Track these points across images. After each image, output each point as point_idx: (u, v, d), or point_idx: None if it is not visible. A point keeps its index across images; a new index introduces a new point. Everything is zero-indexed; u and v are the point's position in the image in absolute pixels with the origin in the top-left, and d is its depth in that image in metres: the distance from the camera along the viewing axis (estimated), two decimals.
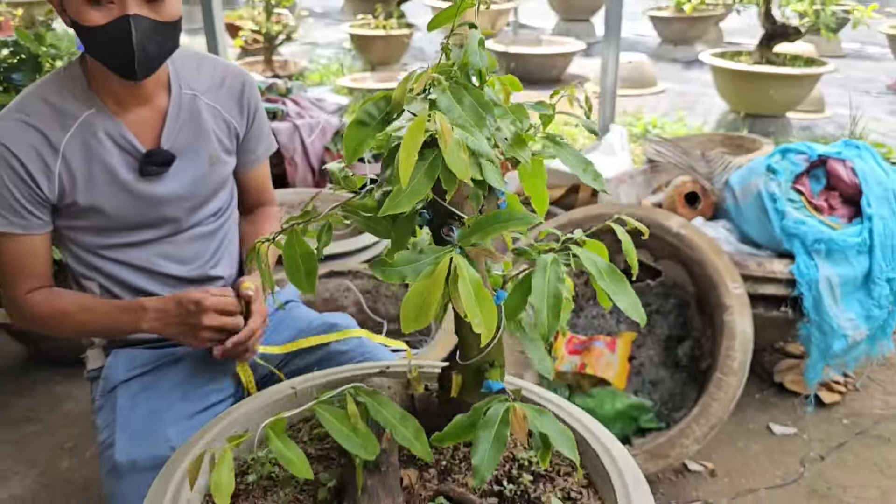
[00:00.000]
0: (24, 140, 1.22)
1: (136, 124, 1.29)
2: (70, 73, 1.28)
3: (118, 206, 1.29)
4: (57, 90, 1.26)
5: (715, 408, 1.86)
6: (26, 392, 2.47)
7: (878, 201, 2.21)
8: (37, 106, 1.24)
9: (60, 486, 2.08)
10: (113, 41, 1.16)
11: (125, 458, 1.21)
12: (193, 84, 1.35)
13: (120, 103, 1.28)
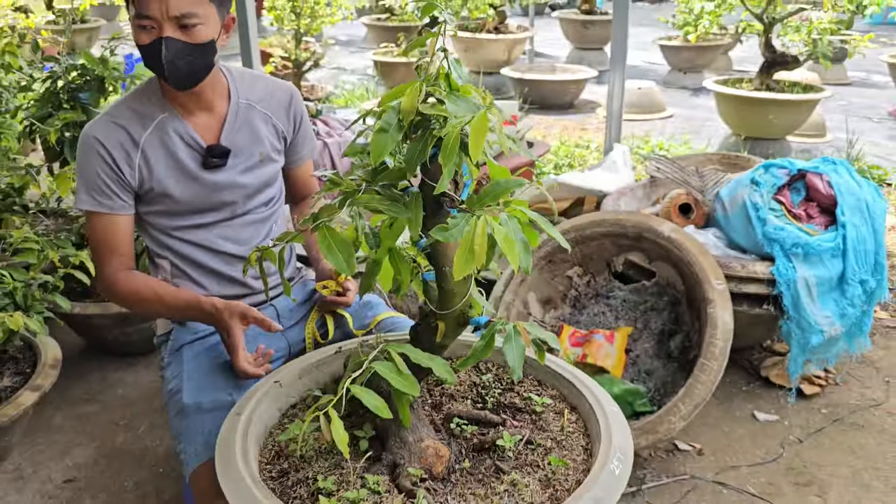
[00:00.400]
0: (112, 136, 1.51)
1: (200, 125, 1.58)
2: (149, 86, 1.58)
3: (185, 192, 1.57)
4: (139, 99, 1.56)
5: (699, 389, 2.10)
6: (84, 378, 2.75)
7: (852, 210, 2.45)
8: (122, 111, 1.54)
9: (116, 456, 2.34)
10: (152, 58, 1.45)
11: (192, 400, 1.47)
12: (249, 95, 1.64)
13: (186, 109, 1.57)
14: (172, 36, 1.43)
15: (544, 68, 7.36)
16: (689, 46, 7.47)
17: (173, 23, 1.42)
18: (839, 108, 6.74)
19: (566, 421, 1.29)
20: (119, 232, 1.55)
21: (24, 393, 2.14)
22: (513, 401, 1.34)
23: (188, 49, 1.45)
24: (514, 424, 1.27)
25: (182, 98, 1.56)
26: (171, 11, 1.40)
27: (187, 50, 1.45)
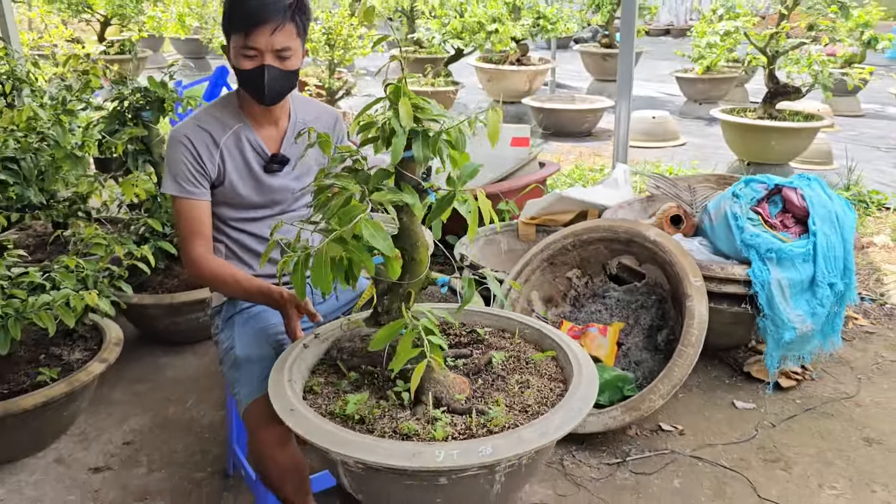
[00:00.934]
0: (198, 136, 1.86)
1: (266, 137, 1.94)
2: (228, 100, 1.94)
3: (248, 190, 1.92)
4: (220, 109, 1.92)
5: (676, 371, 2.38)
6: (138, 362, 3.10)
7: (823, 221, 2.73)
8: (207, 118, 1.90)
9: (167, 425, 2.68)
10: (253, 80, 1.81)
11: (243, 353, 1.81)
12: (304, 116, 1.99)
13: (258, 121, 1.93)
14: (272, 64, 1.79)
15: (564, 98, 7.73)
16: (703, 78, 7.79)
17: (274, 54, 1.78)
18: (849, 137, 6.99)
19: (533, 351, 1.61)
20: (200, 215, 1.89)
21: (94, 363, 2.50)
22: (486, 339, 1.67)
23: (282, 75, 1.81)
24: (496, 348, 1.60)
25: (256, 113, 1.91)
26: (275, 45, 1.77)
27: (281, 75, 1.81)
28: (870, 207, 4.78)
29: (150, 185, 2.99)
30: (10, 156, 2.28)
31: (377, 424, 1.38)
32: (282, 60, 1.80)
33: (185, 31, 7.99)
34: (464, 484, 1.30)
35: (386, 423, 1.39)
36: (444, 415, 1.40)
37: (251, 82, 1.82)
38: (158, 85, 3.11)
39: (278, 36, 1.77)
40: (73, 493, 2.33)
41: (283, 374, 1.55)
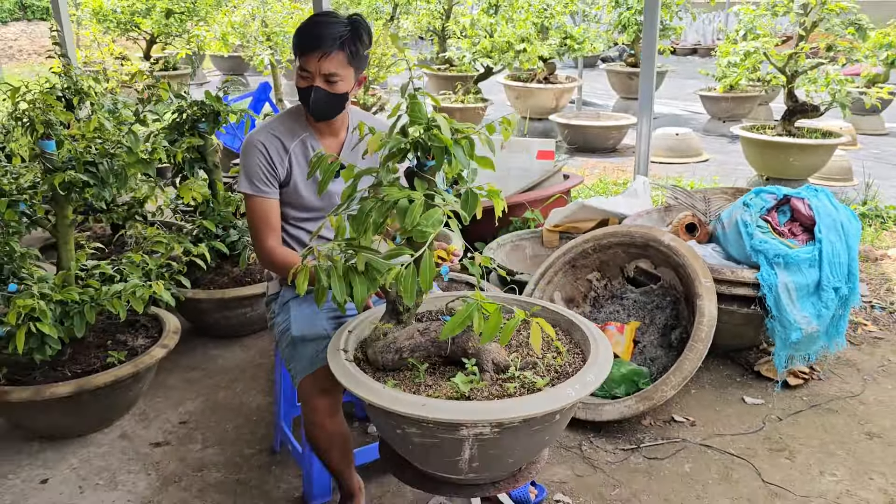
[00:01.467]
0: (271, 142, 2.13)
1: (327, 145, 2.20)
2: (297, 111, 2.20)
3: (309, 193, 2.18)
4: (290, 119, 2.19)
5: (687, 364, 2.58)
6: (191, 352, 3.37)
7: (828, 229, 2.92)
8: (278, 126, 2.17)
9: (219, 408, 2.94)
10: (304, 98, 2.08)
11: (298, 333, 2.05)
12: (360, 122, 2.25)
13: (320, 132, 2.19)
14: (320, 86, 2.06)
15: (589, 115, 7.95)
16: (726, 97, 7.97)
17: (322, 77, 2.05)
18: (871, 155, 7.11)
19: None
20: (271, 211, 2.15)
21: (156, 349, 2.76)
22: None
23: (328, 97, 2.08)
24: None
25: (319, 124, 2.18)
26: (322, 70, 2.04)
27: (327, 97, 2.08)
28: (886, 222, 4.92)
29: (205, 190, 3.27)
30: (91, 160, 2.56)
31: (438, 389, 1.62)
32: (330, 84, 2.06)
33: (227, 48, 8.37)
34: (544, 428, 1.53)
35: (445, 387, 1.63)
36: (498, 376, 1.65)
37: (303, 99, 2.09)
38: (214, 99, 3.40)
39: (325, 62, 2.03)
40: (137, 464, 2.59)
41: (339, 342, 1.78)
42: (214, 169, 3.49)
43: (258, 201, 2.14)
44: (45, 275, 2.70)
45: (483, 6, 7.94)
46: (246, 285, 3.35)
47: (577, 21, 9.53)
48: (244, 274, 3.47)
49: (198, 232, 3.39)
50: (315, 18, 2.07)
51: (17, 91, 2.74)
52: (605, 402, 2.68)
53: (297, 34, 2.05)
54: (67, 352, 2.70)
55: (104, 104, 3.83)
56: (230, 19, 7.90)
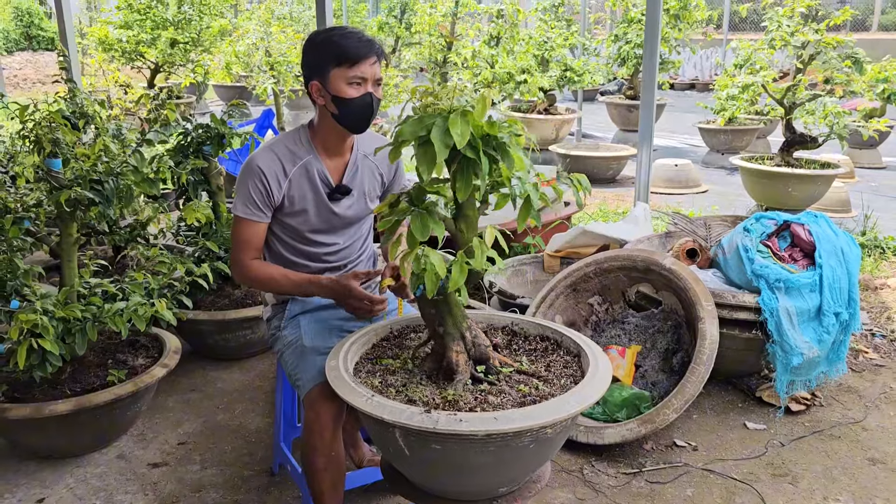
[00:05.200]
0: (270, 166, 2.12)
1: (331, 168, 2.19)
2: (302, 131, 2.20)
3: (315, 213, 2.19)
4: (294, 141, 2.18)
5: (688, 387, 2.58)
6: (190, 374, 3.36)
7: (828, 254, 2.93)
8: (281, 148, 2.17)
9: (217, 429, 2.92)
10: (362, 108, 2.06)
11: (311, 344, 2.06)
12: (365, 149, 2.24)
13: (326, 153, 2.19)
14: (374, 93, 2.07)
15: (589, 146, 8.02)
16: (725, 129, 8.06)
17: (374, 83, 2.07)
18: (869, 188, 7.16)
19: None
20: (258, 234, 2.16)
21: (156, 368, 2.76)
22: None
23: (378, 102, 2.10)
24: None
25: (329, 145, 2.17)
26: (376, 74, 2.06)
27: (378, 103, 2.10)
28: (885, 252, 4.94)
29: (208, 212, 3.29)
30: (97, 178, 2.58)
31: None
32: (377, 87, 2.09)
33: (230, 78, 8.47)
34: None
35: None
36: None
37: (357, 108, 2.06)
38: (219, 122, 3.44)
39: (377, 67, 2.06)
40: (134, 484, 2.56)
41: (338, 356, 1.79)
42: (218, 191, 3.51)
43: (248, 224, 2.14)
44: (47, 292, 2.70)
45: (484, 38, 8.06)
46: (247, 307, 3.35)
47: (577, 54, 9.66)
48: (245, 296, 3.47)
49: (200, 253, 3.40)
50: (349, 30, 2.08)
51: (26, 109, 2.77)
52: (607, 426, 2.67)
53: (343, 44, 2.02)
54: (67, 370, 2.69)
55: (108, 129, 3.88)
56: (234, 48, 8.01)
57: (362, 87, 2.06)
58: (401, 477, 1.81)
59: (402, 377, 1.74)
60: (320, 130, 2.17)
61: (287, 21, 11.75)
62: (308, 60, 2.11)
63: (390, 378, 1.75)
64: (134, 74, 10.83)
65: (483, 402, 1.61)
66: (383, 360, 1.86)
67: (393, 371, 1.79)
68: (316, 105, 2.14)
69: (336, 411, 1.93)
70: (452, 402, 1.61)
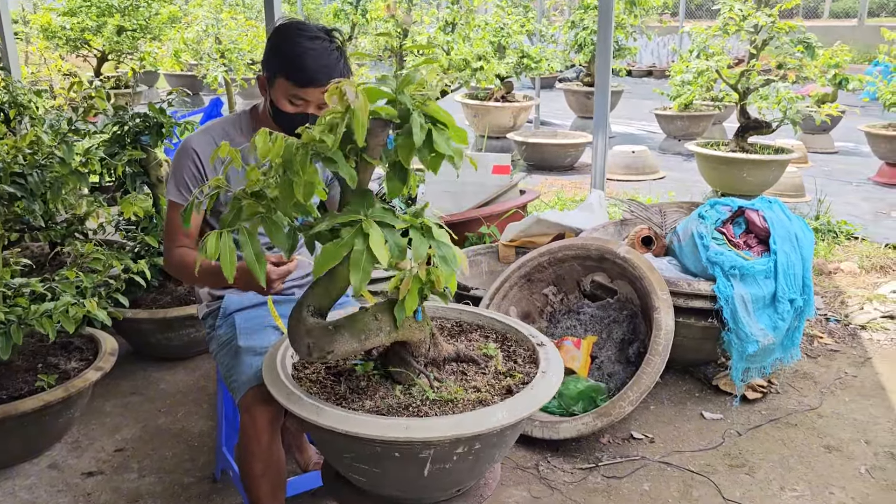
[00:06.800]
0: (207, 149, 1.99)
1: None
2: (242, 117, 2.07)
3: None
4: (232, 125, 2.06)
5: (644, 379, 2.52)
6: (130, 376, 3.21)
7: (783, 240, 2.91)
8: (217, 131, 2.04)
9: (158, 434, 2.78)
10: (295, 124, 1.89)
11: (246, 344, 1.93)
12: None
13: None
14: (314, 113, 1.93)
15: (546, 133, 7.97)
16: (681, 115, 8.07)
17: (318, 107, 1.93)
18: (822, 173, 7.24)
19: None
20: (191, 222, 2.03)
21: (89, 371, 2.60)
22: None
23: (315, 119, 1.95)
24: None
25: None
26: (322, 100, 1.90)
27: (314, 120, 1.96)
28: (838, 237, 4.98)
29: (147, 205, 3.13)
30: (19, 171, 2.42)
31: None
32: (319, 110, 1.95)
33: (180, 66, 8.20)
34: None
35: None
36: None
37: (291, 124, 1.89)
38: (158, 111, 3.27)
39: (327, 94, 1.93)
40: (66, 496, 2.42)
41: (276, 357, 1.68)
42: (158, 184, 3.35)
43: (178, 209, 2.01)
44: None
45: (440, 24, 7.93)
46: (190, 304, 3.20)
47: (535, 41, 9.59)
48: (188, 293, 3.32)
49: (139, 249, 3.24)
50: (313, 45, 1.90)
51: None
52: (562, 420, 2.60)
53: (297, 59, 1.88)
54: None
55: (45, 119, 3.68)
56: (183, 36, 7.75)
57: (301, 107, 1.94)
58: (342, 480, 1.71)
59: (346, 380, 1.63)
60: (263, 119, 2.05)
61: (239, 7, 11.46)
62: (266, 51, 1.98)
63: (331, 377, 1.64)
64: (81, 63, 10.46)
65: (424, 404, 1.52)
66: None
67: (337, 371, 1.68)
68: None
69: (273, 415, 1.82)
70: (397, 404, 1.52)
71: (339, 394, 1.56)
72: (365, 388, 1.57)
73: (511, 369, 1.74)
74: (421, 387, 1.57)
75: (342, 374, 1.67)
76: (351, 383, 1.60)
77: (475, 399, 1.56)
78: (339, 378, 1.63)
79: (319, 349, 1.46)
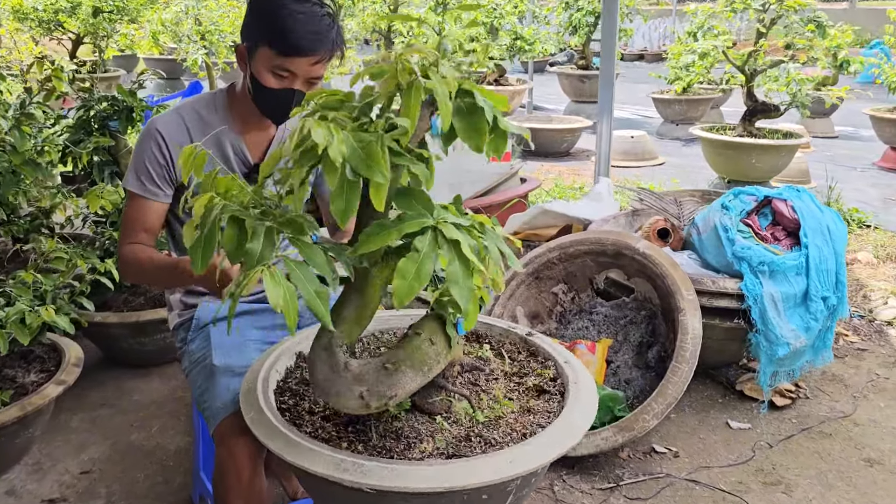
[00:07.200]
0: (174, 132, 1.71)
1: (251, 143, 1.79)
2: (217, 96, 1.79)
3: None
4: (206, 106, 1.77)
5: (670, 389, 2.27)
6: (101, 385, 2.92)
7: (814, 233, 2.66)
8: (190, 112, 1.75)
9: (129, 452, 2.51)
10: (279, 101, 1.66)
11: (222, 363, 1.66)
12: (294, 122, 1.79)
13: (245, 125, 1.78)
14: (301, 89, 1.65)
15: (541, 118, 7.69)
16: (679, 99, 7.82)
17: (306, 81, 1.65)
18: (825, 157, 7.02)
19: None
20: (152, 215, 1.74)
21: (50, 386, 2.31)
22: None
23: (302, 97, 1.68)
24: None
25: (247, 116, 1.76)
26: (311, 74, 1.64)
27: (301, 98, 1.68)
28: (850, 225, 4.76)
29: (116, 197, 2.83)
30: None
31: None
32: (309, 86, 1.68)
33: (158, 49, 7.84)
34: None
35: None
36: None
37: (274, 101, 1.67)
38: (127, 93, 2.97)
39: (319, 67, 1.65)
40: None
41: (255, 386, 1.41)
42: None
43: (138, 201, 1.73)
44: None
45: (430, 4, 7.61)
46: (165, 306, 2.92)
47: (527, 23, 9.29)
48: (163, 294, 3.03)
49: (108, 245, 2.95)
50: (301, 9, 1.61)
51: None
52: None
53: (286, 25, 1.59)
54: None
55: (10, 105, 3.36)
56: (160, 16, 7.39)
57: (286, 81, 1.66)
58: None
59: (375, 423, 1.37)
60: (242, 98, 1.76)
61: None
62: (247, 17, 1.70)
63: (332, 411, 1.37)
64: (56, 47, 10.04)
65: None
66: None
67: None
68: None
69: (255, 449, 1.55)
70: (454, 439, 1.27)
71: (371, 443, 1.27)
72: (401, 429, 1.30)
73: (520, 369, 1.53)
74: (463, 411, 1.33)
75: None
76: (381, 425, 1.31)
77: (518, 409, 1.36)
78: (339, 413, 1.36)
79: (378, 396, 1.18)
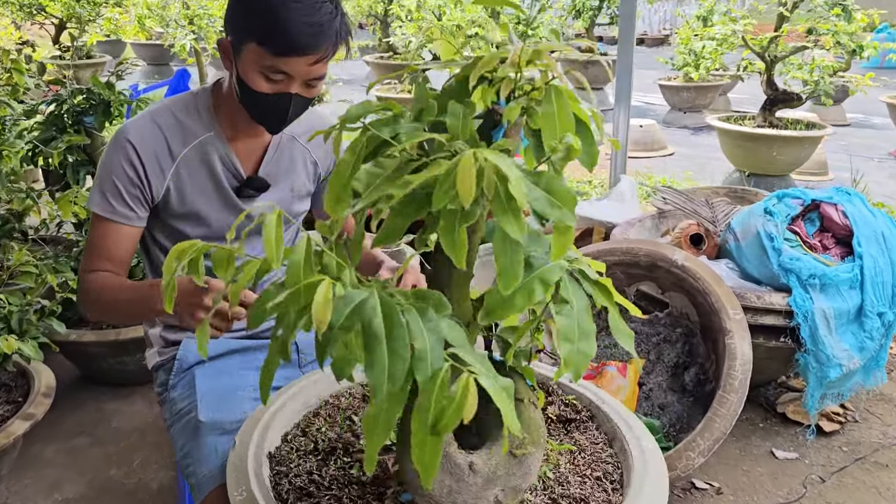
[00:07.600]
0: (149, 142, 1.42)
1: (242, 152, 1.51)
2: (200, 97, 1.49)
3: (218, 214, 1.50)
4: (186, 108, 1.47)
5: (718, 423, 2.02)
6: (78, 409, 2.65)
7: (868, 241, 2.40)
8: (167, 117, 1.45)
9: (108, 490, 2.24)
10: (273, 107, 1.38)
11: (209, 418, 1.39)
12: (293, 128, 1.54)
13: (235, 132, 1.49)
14: (300, 93, 1.38)
15: None
16: (688, 86, 7.54)
17: (304, 83, 1.38)
18: (840, 147, 6.77)
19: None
20: (123, 242, 1.45)
21: (15, 422, 2.05)
22: None
23: (304, 103, 1.42)
24: None
25: (237, 121, 1.48)
26: (311, 74, 1.36)
27: (303, 104, 1.42)
28: None
29: None
30: None
31: None
32: (309, 89, 1.40)
33: (144, 34, 7.51)
34: None
35: None
36: None
37: (267, 108, 1.39)
38: (104, 86, 2.68)
39: (319, 66, 1.36)
40: None
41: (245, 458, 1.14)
42: None
43: (109, 227, 1.43)
44: None
45: None
46: None
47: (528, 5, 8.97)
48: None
49: None
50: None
51: None
52: None
53: (281, 17, 1.30)
54: None
55: None
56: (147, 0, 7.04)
57: (280, 85, 1.37)
58: None
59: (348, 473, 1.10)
60: (228, 99, 1.47)
61: None
62: (231, 5, 1.40)
63: (331, 467, 1.11)
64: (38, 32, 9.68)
65: None
66: (322, 430, 1.21)
67: (334, 449, 1.15)
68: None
69: None
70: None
71: None
72: None
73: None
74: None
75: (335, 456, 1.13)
76: None
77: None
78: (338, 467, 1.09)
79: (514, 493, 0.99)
